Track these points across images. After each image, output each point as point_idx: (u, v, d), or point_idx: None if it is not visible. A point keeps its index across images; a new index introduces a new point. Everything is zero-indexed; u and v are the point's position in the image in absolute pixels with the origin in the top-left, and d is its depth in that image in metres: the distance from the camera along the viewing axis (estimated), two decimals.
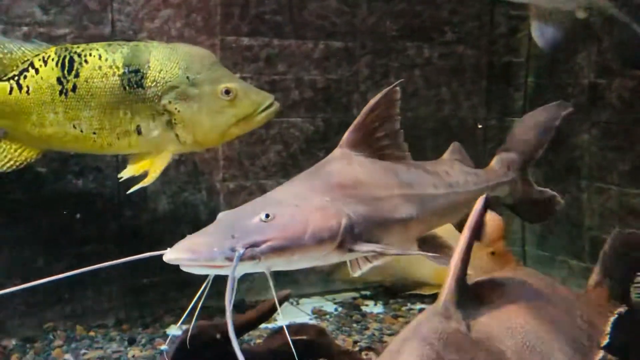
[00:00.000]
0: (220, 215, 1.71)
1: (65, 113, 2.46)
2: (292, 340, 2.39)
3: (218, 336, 2.17)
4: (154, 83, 2.43)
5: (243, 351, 2.43)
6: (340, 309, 3.31)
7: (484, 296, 1.37)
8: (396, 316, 3.17)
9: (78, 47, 2.48)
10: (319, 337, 2.41)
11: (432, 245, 2.11)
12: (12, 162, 2.52)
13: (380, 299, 3.48)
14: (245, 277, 3.32)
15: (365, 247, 1.70)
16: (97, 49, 2.47)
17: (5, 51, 2.47)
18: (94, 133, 2.47)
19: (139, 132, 2.48)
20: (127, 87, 2.43)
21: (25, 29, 2.77)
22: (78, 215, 2.93)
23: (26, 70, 2.45)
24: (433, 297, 3.42)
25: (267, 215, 1.61)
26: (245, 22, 3.17)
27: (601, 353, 1.36)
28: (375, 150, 1.96)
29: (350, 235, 1.68)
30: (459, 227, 2.20)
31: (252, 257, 1.54)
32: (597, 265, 1.81)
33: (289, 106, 3.31)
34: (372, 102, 1.98)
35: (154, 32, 2.99)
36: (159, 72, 2.44)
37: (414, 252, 1.88)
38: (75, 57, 2.45)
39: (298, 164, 3.34)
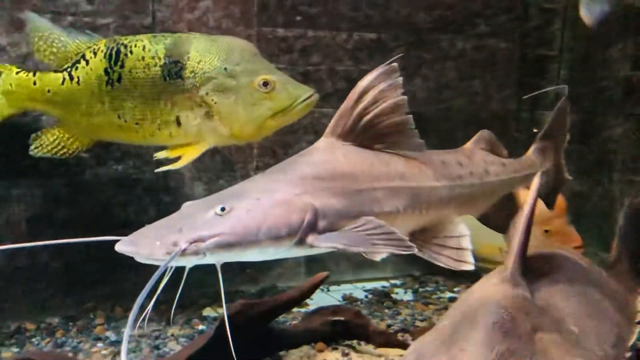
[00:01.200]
0: (184, 205, 1.69)
1: (110, 103, 2.53)
2: (329, 320, 2.47)
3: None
4: (193, 74, 2.46)
5: (283, 331, 2.53)
6: (370, 296, 3.36)
7: (540, 269, 1.44)
8: (427, 303, 3.21)
9: (126, 39, 2.54)
10: (355, 318, 2.49)
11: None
12: (64, 150, 2.61)
13: (409, 287, 3.53)
14: (276, 264, 3.45)
15: (325, 244, 1.62)
16: (143, 40, 2.52)
17: (60, 45, 2.55)
18: (137, 123, 2.53)
19: (179, 123, 2.51)
20: (167, 78, 2.47)
21: (70, 18, 2.86)
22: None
23: (78, 61, 2.53)
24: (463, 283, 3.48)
25: (223, 209, 1.57)
26: (281, 14, 3.24)
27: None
28: (368, 139, 1.82)
29: (313, 231, 1.62)
30: (482, 219, 2.14)
31: (196, 253, 1.51)
32: (615, 240, 1.84)
33: (322, 97, 3.34)
34: (362, 83, 1.83)
35: (193, 22, 3.07)
36: (198, 63, 2.46)
37: (381, 250, 1.65)
38: (122, 49, 2.51)
39: None
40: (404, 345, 2.44)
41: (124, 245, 1.52)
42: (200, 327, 2.86)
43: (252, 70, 2.46)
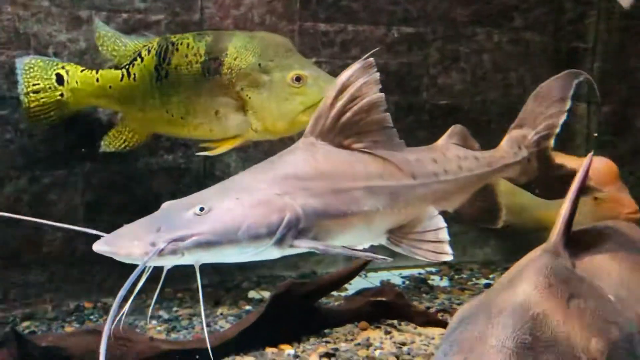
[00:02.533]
0: (164, 205, 1.67)
1: (160, 98, 2.68)
2: (372, 301, 2.60)
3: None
4: (229, 70, 2.56)
5: (328, 310, 2.66)
6: (407, 282, 3.47)
7: (586, 241, 1.54)
8: (463, 289, 3.32)
9: (175, 37, 2.70)
10: (396, 299, 2.61)
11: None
12: (126, 144, 2.80)
13: (444, 274, 3.64)
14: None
15: (305, 244, 1.64)
16: (188, 38, 2.66)
17: (121, 45, 2.73)
18: (182, 118, 2.67)
19: (218, 118, 2.64)
20: (207, 74, 2.59)
21: (125, 15, 3.02)
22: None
23: (135, 59, 2.70)
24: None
25: (202, 209, 1.56)
26: (323, 9, 3.36)
27: None
28: (347, 138, 1.81)
29: (293, 231, 1.62)
30: (457, 213, 2.16)
31: (174, 252, 1.49)
32: None
33: None
34: (338, 81, 1.80)
35: (238, 18, 3.21)
36: (234, 60, 2.57)
37: (359, 253, 1.72)
38: (170, 46, 2.65)
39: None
40: (443, 324, 2.56)
41: (102, 245, 1.50)
42: (247, 307, 3.01)
43: (285, 66, 2.52)
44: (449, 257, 1.77)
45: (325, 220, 1.68)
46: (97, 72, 2.73)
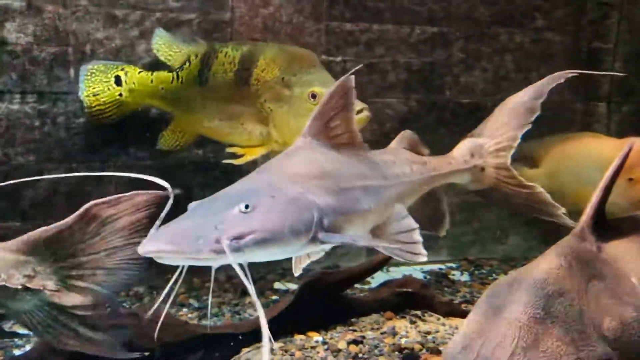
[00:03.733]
0: (193, 205, 1.64)
1: (201, 102, 2.82)
2: (397, 292, 2.69)
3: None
4: (257, 81, 2.68)
5: (354, 300, 2.75)
6: (428, 277, 3.55)
7: (618, 228, 1.59)
8: (483, 283, 3.39)
9: (219, 45, 2.82)
10: (421, 290, 2.69)
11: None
12: (177, 143, 2.96)
13: (465, 270, 3.71)
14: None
15: (336, 239, 1.68)
16: (228, 47, 2.79)
17: (177, 49, 2.86)
18: (217, 123, 2.81)
19: (244, 127, 2.76)
20: (239, 84, 2.71)
21: (158, 14, 3.13)
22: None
23: (185, 63, 2.82)
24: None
25: (247, 206, 1.53)
26: (349, 9, 3.45)
27: None
28: (332, 140, 1.89)
29: (321, 228, 1.65)
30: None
31: (237, 249, 1.46)
32: None
33: (385, 87, 3.57)
34: (330, 90, 1.90)
35: (267, 17, 3.31)
36: (262, 71, 2.68)
37: (383, 244, 1.78)
38: (212, 54, 2.78)
39: (391, 141, 3.59)
40: (467, 315, 2.63)
41: (160, 245, 1.44)
42: (273, 297, 3.10)
43: (305, 82, 2.62)
44: (424, 258, 1.80)
45: (338, 217, 1.72)
46: (152, 74, 2.87)
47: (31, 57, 2.94)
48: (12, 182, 1.94)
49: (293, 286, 3.24)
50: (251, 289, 1.48)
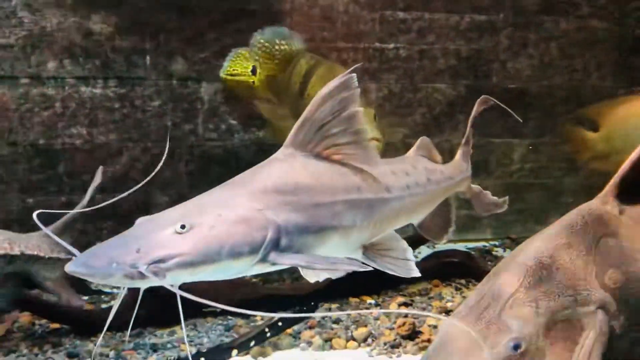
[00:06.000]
0: (138, 221, 1.56)
1: (282, 105, 3.09)
2: (443, 262, 2.92)
3: None
4: (308, 97, 2.85)
5: None
6: (473, 252, 3.75)
7: None
8: None
9: (300, 54, 3.07)
10: (467, 260, 2.91)
11: None
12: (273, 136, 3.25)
13: (508, 247, 3.90)
14: None
15: (287, 260, 1.57)
16: (305, 57, 3.03)
17: (277, 52, 3.12)
18: (284, 125, 3.03)
19: None
20: (301, 96, 2.92)
21: (225, 7, 3.40)
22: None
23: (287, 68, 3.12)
24: None
25: (183, 226, 1.46)
26: None
27: None
28: (325, 149, 1.75)
29: (275, 248, 1.56)
30: (421, 226, 2.20)
31: (156, 274, 1.40)
32: None
33: (435, 73, 3.78)
34: (321, 93, 1.73)
35: (325, 8, 3.54)
36: (312, 88, 2.87)
37: (343, 268, 1.61)
38: (295, 61, 3.04)
39: (440, 125, 3.81)
40: None
41: (77, 267, 1.38)
42: None
43: None
44: (416, 274, 1.82)
45: (306, 236, 1.63)
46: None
47: (112, 46, 3.26)
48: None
49: None
50: (181, 314, 1.51)
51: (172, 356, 2.34)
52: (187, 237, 1.44)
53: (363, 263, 1.65)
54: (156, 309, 2.51)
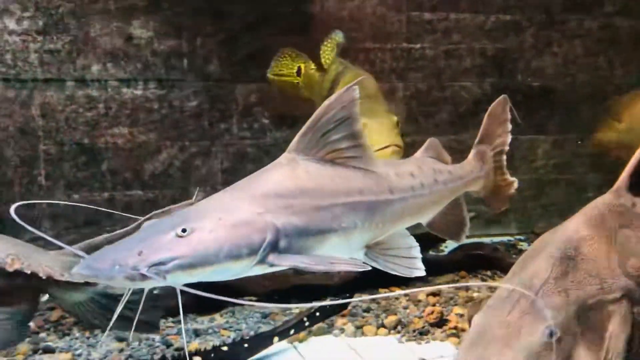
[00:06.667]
0: (145, 224, 1.67)
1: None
2: (470, 254, 3.03)
3: None
4: None
5: (431, 260, 3.11)
6: (498, 246, 3.85)
7: None
8: None
9: (334, 59, 3.17)
10: (492, 253, 3.02)
11: None
12: None
13: (532, 242, 3.97)
14: None
15: (286, 262, 1.63)
16: (336, 63, 3.14)
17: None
18: None
19: None
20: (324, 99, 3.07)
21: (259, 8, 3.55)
22: None
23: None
24: None
25: (184, 230, 1.54)
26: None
27: None
28: (328, 154, 1.81)
29: (274, 250, 1.62)
30: (429, 226, 2.24)
31: (157, 275, 1.48)
32: None
33: (461, 72, 3.89)
34: (325, 103, 1.82)
35: (353, 10, 3.68)
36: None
37: (342, 269, 1.67)
38: (329, 65, 3.16)
39: (466, 122, 3.91)
40: None
41: (83, 269, 1.48)
42: None
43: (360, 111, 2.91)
44: (421, 273, 1.85)
45: (305, 238, 1.68)
46: (318, 72, 3.27)
47: (152, 49, 3.43)
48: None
49: None
50: (181, 311, 1.57)
51: (212, 340, 2.49)
52: (188, 240, 1.52)
53: (364, 263, 1.69)
54: (196, 297, 2.70)
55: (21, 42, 3.25)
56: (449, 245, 3.44)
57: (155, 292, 2.13)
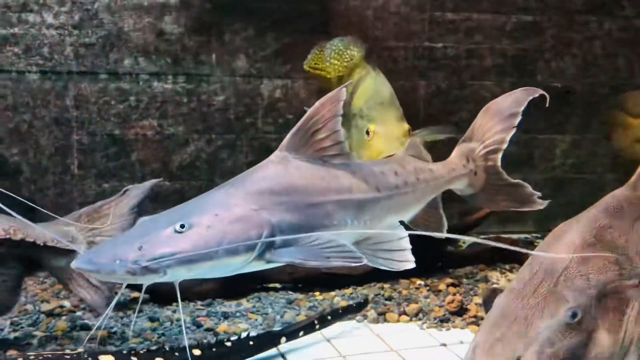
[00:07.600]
0: (140, 220, 1.69)
1: None
2: (489, 247, 3.10)
3: None
4: (351, 106, 2.93)
5: (452, 253, 3.18)
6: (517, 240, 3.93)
7: None
8: None
9: (361, 64, 3.12)
10: (512, 245, 3.09)
11: None
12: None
13: None
14: None
15: (283, 258, 1.66)
16: (359, 67, 3.10)
17: (347, 57, 3.15)
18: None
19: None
20: (347, 103, 2.93)
21: (285, 7, 3.65)
22: None
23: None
24: None
25: (183, 226, 1.57)
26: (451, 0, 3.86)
27: None
28: (317, 153, 1.86)
29: (270, 246, 1.66)
30: (412, 224, 2.24)
31: (157, 271, 1.51)
32: None
33: (482, 71, 3.96)
34: (315, 105, 1.87)
35: (377, 9, 3.77)
36: (356, 99, 2.94)
37: (338, 264, 1.68)
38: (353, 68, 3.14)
39: None
40: None
41: (83, 263, 1.51)
42: None
43: (372, 117, 2.79)
44: (411, 265, 1.86)
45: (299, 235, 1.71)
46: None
47: (182, 45, 3.54)
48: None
49: None
50: (180, 303, 1.68)
51: (240, 322, 2.59)
52: (186, 236, 1.56)
53: (360, 257, 1.66)
54: (224, 282, 2.80)
55: (58, 35, 3.38)
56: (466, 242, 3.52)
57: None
